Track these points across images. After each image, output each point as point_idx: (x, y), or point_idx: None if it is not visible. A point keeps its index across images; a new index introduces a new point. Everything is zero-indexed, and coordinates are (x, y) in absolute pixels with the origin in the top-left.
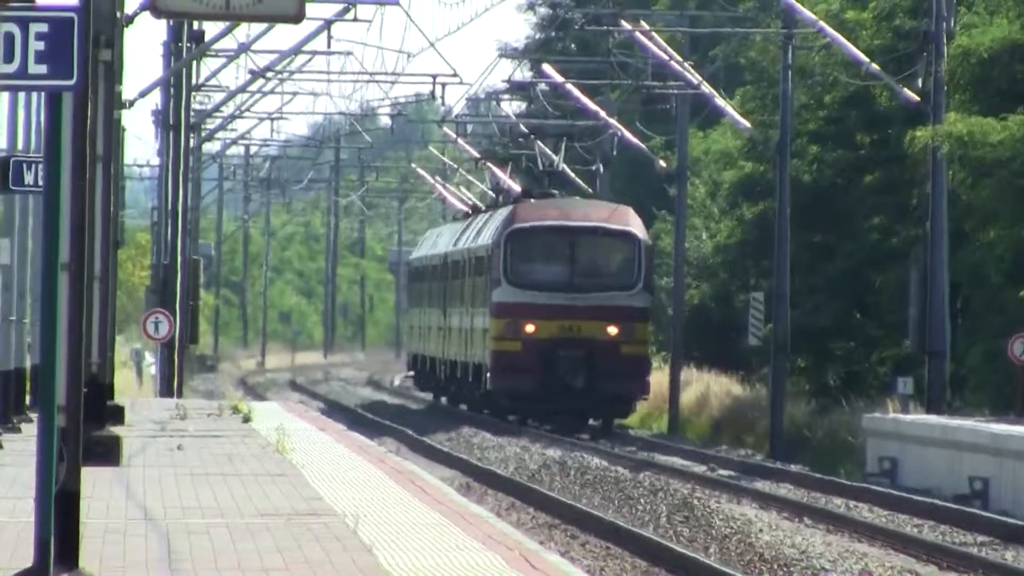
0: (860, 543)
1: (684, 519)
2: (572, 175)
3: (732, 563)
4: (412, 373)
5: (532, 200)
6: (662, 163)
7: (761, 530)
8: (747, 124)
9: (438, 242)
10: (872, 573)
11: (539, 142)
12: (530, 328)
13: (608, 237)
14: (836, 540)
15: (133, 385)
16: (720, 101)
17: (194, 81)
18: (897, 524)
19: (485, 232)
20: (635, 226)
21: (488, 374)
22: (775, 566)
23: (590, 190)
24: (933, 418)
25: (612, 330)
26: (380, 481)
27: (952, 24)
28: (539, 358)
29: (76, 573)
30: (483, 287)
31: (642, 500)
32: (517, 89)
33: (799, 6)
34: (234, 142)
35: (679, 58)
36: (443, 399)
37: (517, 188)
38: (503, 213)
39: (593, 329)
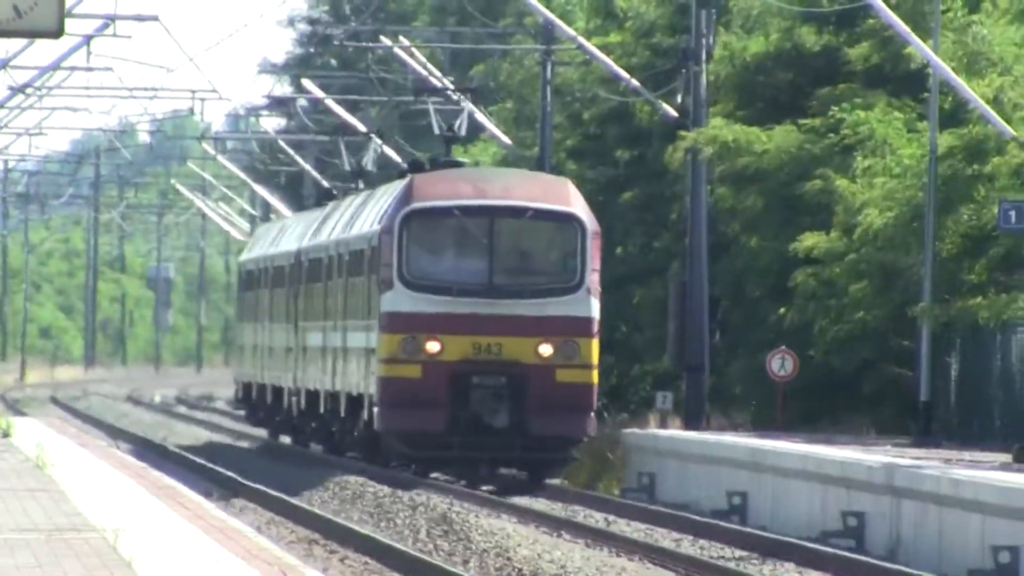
0: (619, 557)
1: (443, 533)
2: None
3: None
4: (240, 403)
5: (434, 172)
6: None
7: (519, 544)
8: (507, 140)
9: (282, 238)
10: None
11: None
12: (433, 347)
13: (541, 221)
14: (594, 554)
15: None
16: (480, 116)
17: None
18: (655, 539)
19: (365, 217)
20: (577, 206)
21: (375, 409)
22: None
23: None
24: (691, 433)
25: (546, 349)
26: (140, 496)
27: (712, 41)
28: (446, 388)
29: None
30: (364, 292)
31: (401, 515)
32: (277, 105)
33: (559, 22)
34: None
35: (439, 74)
36: (285, 438)
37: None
38: (394, 190)
39: (520, 348)
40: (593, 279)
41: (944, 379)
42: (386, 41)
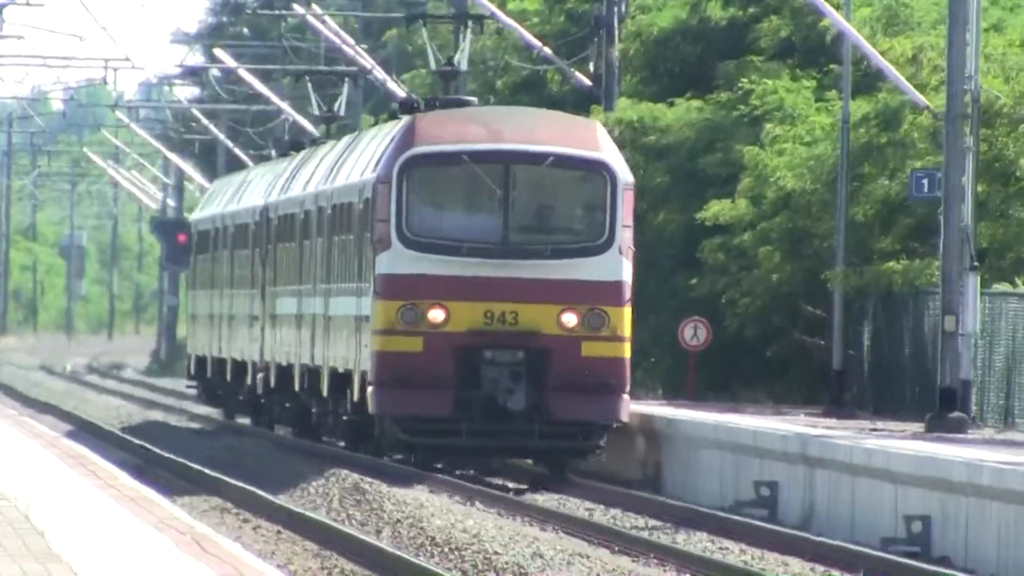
0: (531, 527)
1: (356, 503)
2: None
3: (404, 546)
4: (192, 383)
5: (439, 111)
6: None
7: (433, 514)
8: None
9: (244, 193)
10: (544, 556)
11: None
12: (438, 316)
13: (565, 168)
14: (508, 524)
15: None
16: (392, 85)
17: None
18: (568, 508)
19: (352, 165)
20: (607, 151)
21: (369, 389)
22: (446, 549)
23: None
24: None
25: (570, 318)
26: (53, 465)
27: (624, 9)
28: (453, 363)
29: None
30: (353, 251)
31: (314, 484)
32: (190, 74)
33: None
34: None
35: (351, 42)
36: (243, 419)
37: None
38: (389, 132)
39: (539, 317)
40: (625, 236)
41: (857, 348)
42: (299, 9)
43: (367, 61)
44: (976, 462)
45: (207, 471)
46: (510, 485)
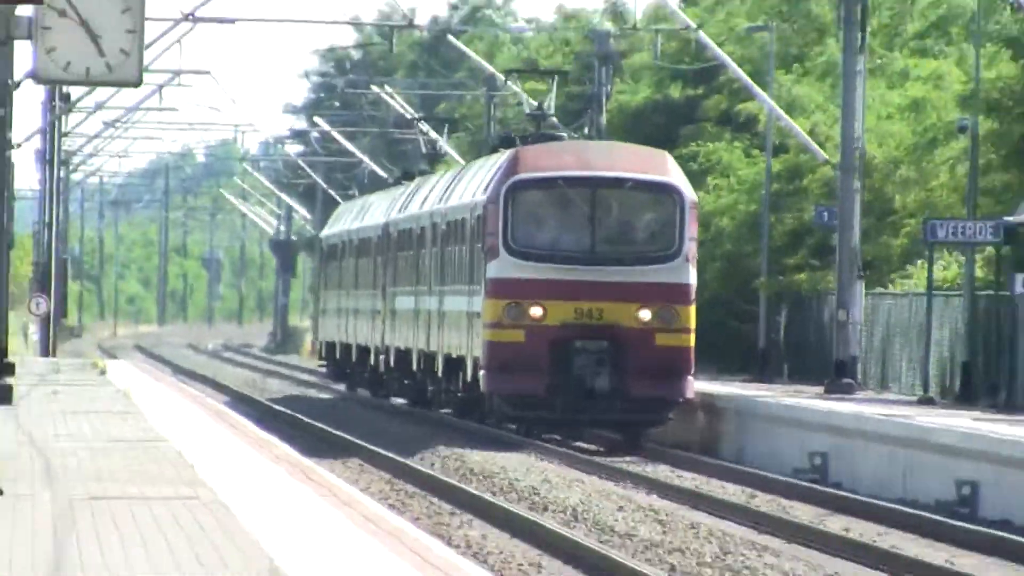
0: (584, 474)
1: (441, 459)
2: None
3: (451, 474)
4: (323, 363)
5: (538, 144)
6: None
7: (506, 466)
8: (463, 162)
9: (366, 214)
10: (551, 482)
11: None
12: (537, 312)
13: (642, 191)
14: (570, 473)
15: (21, 348)
16: (445, 146)
17: (64, 129)
18: (632, 468)
19: (463, 189)
20: (675, 176)
21: (481, 372)
22: (504, 487)
23: None
24: None
25: (645, 314)
26: (198, 416)
27: (610, 89)
28: (549, 351)
29: None
30: (465, 259)
31: (391, 430)
32: (296, 135)
33: (498, 73)
34: (92, 173)
35: (412, 111)
36: (363, 391)
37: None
38: (497, 161)
39: (620, 313)
40: (691, 247)
41: (775, 333)
42: (375, 89)
43: (425, 127)
44: (861, 414)
45: (313, 422)
46: (592, 448)
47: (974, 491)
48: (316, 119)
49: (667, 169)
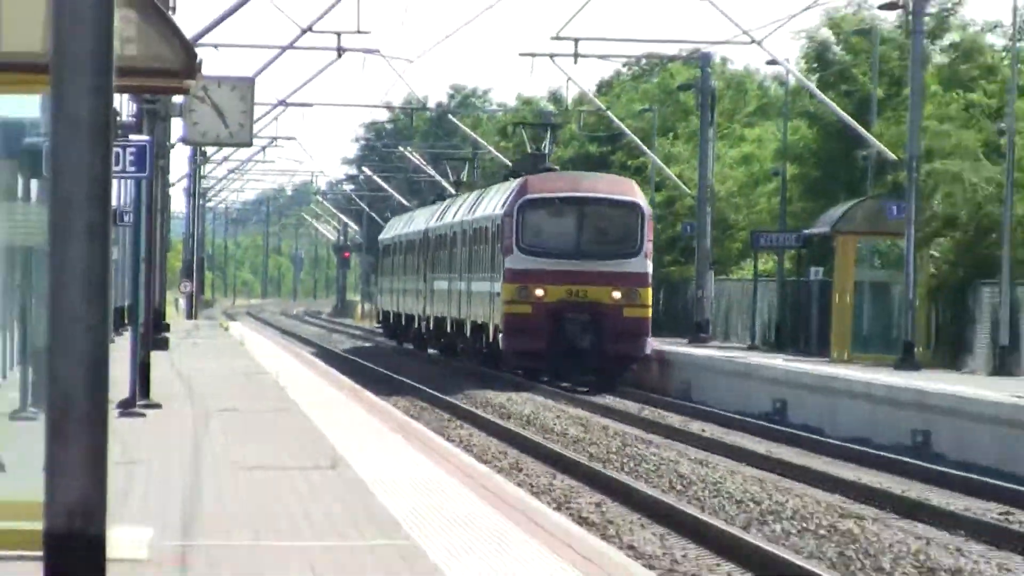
0: (572, 408)
1: (480, 405)
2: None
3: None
4: (379, 326)
5: (541, 174)
6: None
7: (512, 400)
8: None
9: (411, 224)
10: (549, 411)
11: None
12: (540, 292)
13: (614, 207)
14: (560, 407)
15: (173, 314)
16: (448, 187)
17: (202, 173)
18: (605, 402)
19: (486, 206)
20: (638, 196)
21: (500, 335)
22: (507, 415)
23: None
24: None
25: (616, 294)
26: (287, 358)
27: (550, 147)
28: (548, 320)
29: (148, 400)
30: (488, 255)
31: (426, 371)
32: (350, 178)
33: (482, 141)
34: (220, 202)
35: (425, 164)
36: (407, 345)
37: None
38: (511, 186)
39: (599, 294)
40: (647, 247)
41: (656, 306)
42: (401, 148)
43: (443, 179)
44: (712, 356)
45: (400, 378)
46: (579, 388)
47: (784, 406)
48: (363, 168)
49: (633, 191)
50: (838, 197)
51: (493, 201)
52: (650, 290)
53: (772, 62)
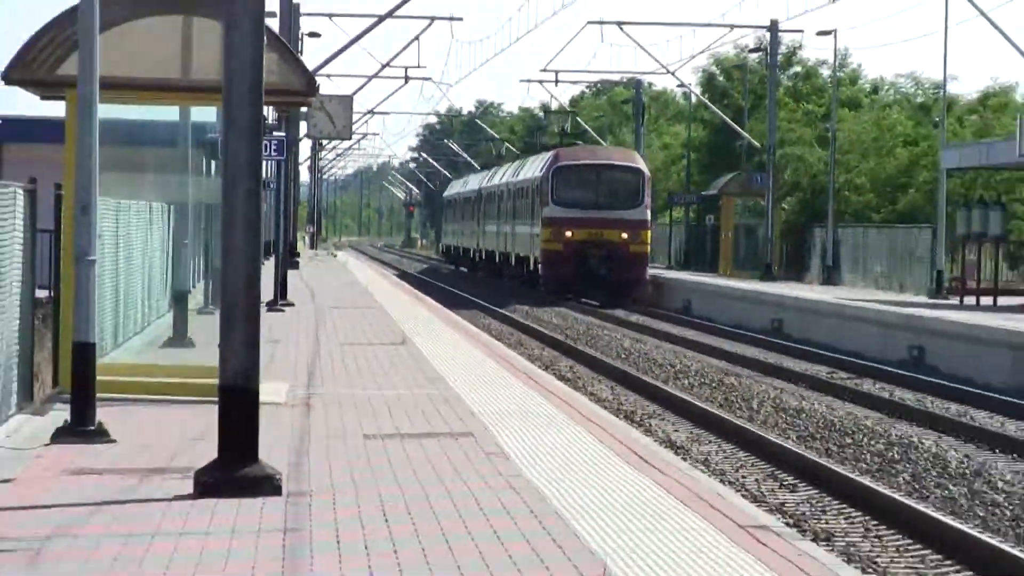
0: (588, 317)
1: (521, 310)
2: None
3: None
4: (443, 255)
5: (568, 147)
6: None
7: (554, 315)
8: None
9: (466, 185)
10: (575, 324)
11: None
12: (569, 234)
13: (622, 171)
14: (584, 318)
15: (301, 246)
16: (472, 162)
17: (319, 157)
18: (615, 314)
19: (527, 171)
20: (640, 163)
21: (539, 265)
22: (551, 326)
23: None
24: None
25: (624, 235)
26: (376, 276)
27: (545, 139)
28: (575, 254)
29: (285, 300)
30: (529, 207)
31: (481, 290)
32: (413, 160)
33: (497, 137)
34: (331, 174)
35: (465, 155)
36: (463, 268)
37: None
38: (545, 156)
39: (612, 235)
40: (647, 201)
41: None
42: (446, 141)
43: (468, 159)
44: (659, 274)
45: (504, 311)
46: (594, 303)
47: (690, 304)
48: (422, 153)
49: (636, 160)
50: (723, 172)
51: (533, 167)
52: (649, 232)
53: (681, 85)
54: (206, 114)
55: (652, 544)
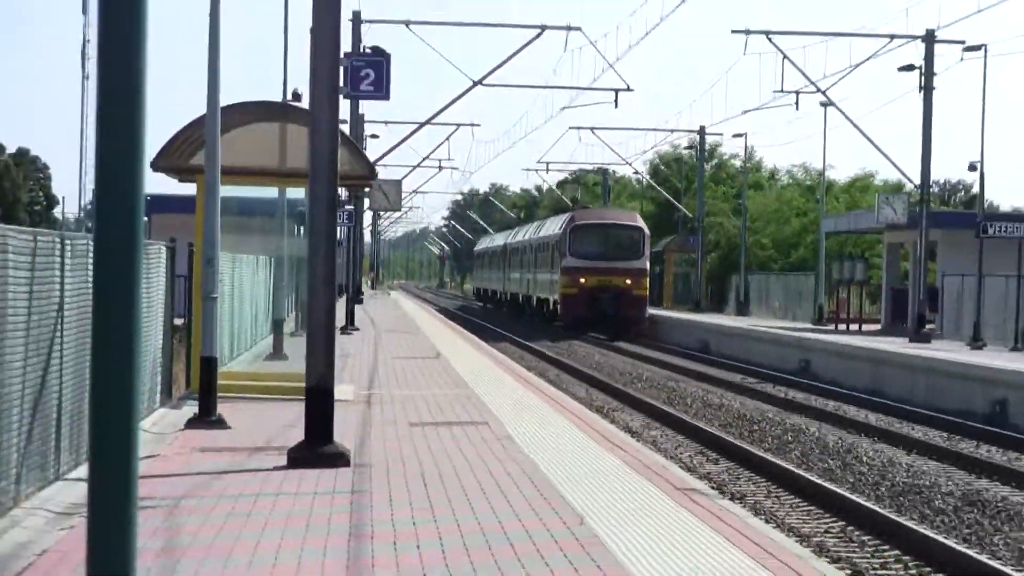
0: (593, 347)
1: (562, 351)
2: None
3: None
4: (475, 295)
5: (582, 210)
6: None
7: (569, 346)
8: None
9: (493, 241)
10: (581, 350)
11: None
12: (583, 280)
13: (626, 229)
14: (592, 348)
15: (365, 287)
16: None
17: (379, 222)
18: (621, 347)
19: (547, 229)
20: (641, 223)
21: (559, 305)
22: (566, 355)
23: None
24: None
25: (627, 282)
26: (430, 318)
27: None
28: (588, 297)
29: (353, 326)
30: (548, 258)
31: (507, 325)
32: (445, 226)
33: (508, 211)
34: (386, 237)
35: (483, 224)
36: (489, 305)
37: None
38: (562, 217)
39: (618, 281)
40: (647, 252)
41: None
42: (470, 213)
43: (485, 226)
44: (670, 315)
45: (532, 345)
46: (602, 336)
47: (707, 344)
48: (451, 221)
49: (638, 219)
50: (666, 235)
51: (552, 225)
52: (648, 279)
53: (636, 173)
54: (297, 193)
55: (616, 501)
